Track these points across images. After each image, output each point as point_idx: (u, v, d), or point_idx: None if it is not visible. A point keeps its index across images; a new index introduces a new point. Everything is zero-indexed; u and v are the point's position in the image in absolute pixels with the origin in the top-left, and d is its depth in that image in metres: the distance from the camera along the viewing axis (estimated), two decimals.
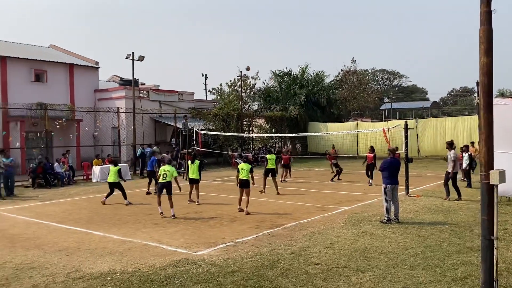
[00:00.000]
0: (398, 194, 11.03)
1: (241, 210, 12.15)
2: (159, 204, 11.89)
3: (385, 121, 36.33)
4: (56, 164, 20.18)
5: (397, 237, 8.99)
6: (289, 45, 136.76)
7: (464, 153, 16.40)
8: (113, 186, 14.36)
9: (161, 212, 11.80)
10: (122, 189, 14.36)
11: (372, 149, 18.03)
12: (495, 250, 5.13)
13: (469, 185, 15.83)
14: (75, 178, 21.03)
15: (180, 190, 12.81)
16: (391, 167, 10.58)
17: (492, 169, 5.13)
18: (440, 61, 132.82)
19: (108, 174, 14.85)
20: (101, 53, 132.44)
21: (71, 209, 13.56)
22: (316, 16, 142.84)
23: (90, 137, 28.24)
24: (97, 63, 31.01)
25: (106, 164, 21.94)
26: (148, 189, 16.58)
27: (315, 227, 10.08)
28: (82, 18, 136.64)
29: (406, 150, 14.89)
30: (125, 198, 14.22)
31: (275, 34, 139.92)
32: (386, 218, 10.39)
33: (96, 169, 21.24)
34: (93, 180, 21.09)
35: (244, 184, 12.18)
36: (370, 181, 17.63)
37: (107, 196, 14.36)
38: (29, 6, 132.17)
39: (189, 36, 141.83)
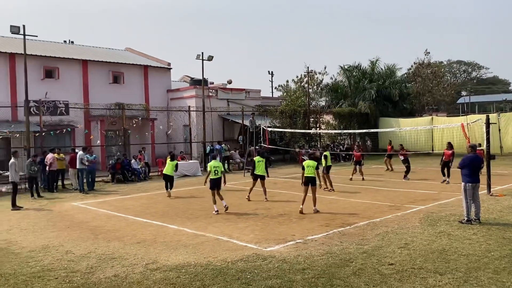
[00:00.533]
0: (479, 193, 10.34)
1: (302, 212, 11.49)
2: (214, 202, 12.04)
3: (463, 115, 34.19)
4: (133, 160, 21.31)
5: (479, 239, 8.42)
6: (358, 39, 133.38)
7: None
8: (167, 178, 15.37)
9: (216, 211, 11.85)
10: (172, 183, 15.48)
11: (450, 146, 17.00)
12: None
13: None
14: (150, 174, 22.08)
15: (225, 184, 13.05)
16: (472, 164, 9.92)
17: None
18: None
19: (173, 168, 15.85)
20: (172, 54, 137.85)
21: (147, 203, 14.24)
22: (386, 7, 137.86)
23: (163, 135, 29.48)
24: (169, 64, 32.29)
25: (179, 161, 22.81)
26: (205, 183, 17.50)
27: (388, 227, 9.72)
28: (155, 21, 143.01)
29: (488, 146, 13.89)
30: (170, 188, 15.49)
31: (342, 28, 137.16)
32: (466, 218, 9.78)
33: None
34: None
35: (310, 182, 11.73)
36: (447, 179, 16.64)
37: (166, 189, 15.47)
38: (106, 12, 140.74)
39: (255, 34, 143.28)
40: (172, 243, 8.82)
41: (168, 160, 15.98)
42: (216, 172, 12.15)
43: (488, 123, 13.89)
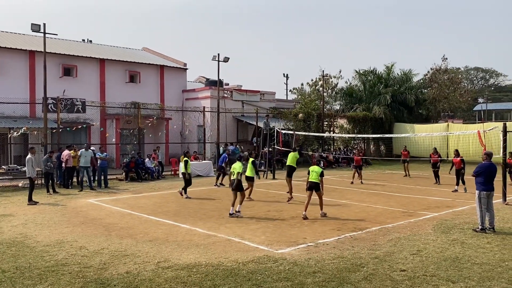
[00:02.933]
0: (494, 202, 10.21)
1: (306, 218, 11.23)
2: (233, 204, 11.84)
3: (479, 122, 33.72)
4: (147, 159, 21.50)
5: (493, 248, 8.32)
6: (373, 43, 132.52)
7: None
8: (183, 176, 15.48)
9: (231, 213, 11.72)
10: (185, 181, 15.43)
11: (457, 153, 16.77)
12: None
13: None
14: (163, 173, 22.26)
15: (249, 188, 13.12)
16: (487, 172, 9.80)
17: None
18: None
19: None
20: (188, 54, 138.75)
21: (160, 202, 14.36)
22: (403, 12, 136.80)
23: (177, 135, 29.70)
24: (185, 64, 32.52)
25: (192, 161, 22.94)
26: (216, 183, 18.30)
27: (400, 233, 9.66)
28: (172, 21, 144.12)
29: (504, 154, 13.70)
30: (184, 191, 15.31)
31: (358, 32, 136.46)
32: (480, 227, 9.66)
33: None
34: (180, 176, 22.11)
35: (313, 187, 11.46)
36: (460, 187, 16.35)
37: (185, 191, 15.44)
38: (124, 11, 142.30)
39: (271, 37, 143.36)
40: (184, 243, 8.89)
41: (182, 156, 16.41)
42: (232, 173, 12.15)
43: (505, 131, 13.70)
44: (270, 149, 23.78)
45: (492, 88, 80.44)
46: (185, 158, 15.68)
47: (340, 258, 7.71)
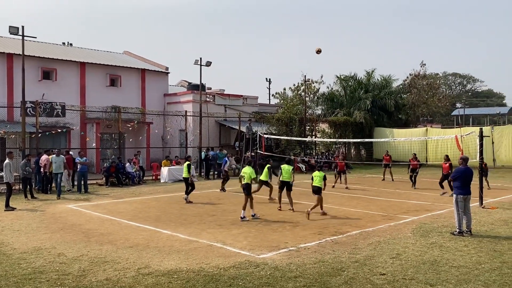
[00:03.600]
0: (471, 205, 10.43)
1: (325, 213, 12.56)
2: (244, 208, 11.97)
3: (457, 127, 34.46)
4: (127, 164, 21.27)
5: (470, 251, 8.49)
6: (355, 49, 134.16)
7: None
8: (185, 181, 15.39)
9: (243, 217, 11.84)
10: (187, 185, 15.28)
11: (447, 158, 17.03)
12: None
13: None
14: (144, 178, 22.06)
15: (258, 190, 13.15)
16: (463, 176, 10.01)
17: None
18: None
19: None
20: (170, 58, 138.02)
21: (141, 207, 14.22)
22: (383, 18, 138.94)
23: (159, 139, 29.48)
24: (167, 68, 32.38)
25: (174, 165, 22.81)
26: (222, 187, 18.14)
27: (380, 236, 9.78)
28: (154, 25, 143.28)
29: (481, 159, 14.01)
30: (187, 194, 15.21)
31: (339, 38, 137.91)
32: (457, 230, 9.85)
33: (164, 170, 22.12)
34: (161, 181, 21.98)
35: (315, 191, 12.48)
36: (446, 192, 16.63)
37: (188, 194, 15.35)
38: (105, 15, 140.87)
39: (254, 41, 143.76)
40: (165, 248, 8.82)
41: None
42: (243, 177, 12.37)
43: (481, 136, 14.02)
44: (253, 154, 23.81)
45: (469, 93, 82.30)
46: (188, 162, 15.68)
47: (321, 262, 7.76)
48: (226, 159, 19.80)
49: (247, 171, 12.34)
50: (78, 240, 9.64)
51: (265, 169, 14.73)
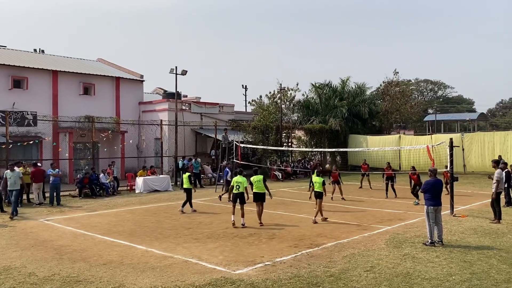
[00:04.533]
0: (442, 213, 10.70)
1: (325, 219, 13.31)
2: (233, 213, 12.79)
3: (428, 134, 35.27)
4: (101, 175, 20.92)
5: (441, 262, 8.69)
6: (329, 57, 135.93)
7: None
8: (186, 192, 15.52)
9: (233, 221, 12.63)
10: (189, 196, 15.43)
11: (413, 169, 17.39)
12: None
13: (509, 203, 15.13)
14: (119, 189, 21.73)
15: (248, 198, 13.30)
16: (433, 188, 10.27)
17: None
18: (488, 71, 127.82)
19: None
20: (145, 65, 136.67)
21: (115, 220, 13.99)
22: (358, 27, 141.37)
23: (134, 148, 29.11)
24: (142, 76, 32.06)
25: (149, 175, 22.55)
26: (230, 198, 17.59)
27: (355, 248, 9.91)
28: (129, 32, 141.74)
29: (452, 168, 14.38)
30: (190, 205, 15.44)
31: (315, 46, 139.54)
32: (429, 241, 10.08)
33: (140, 180, 21.83)
34: (136, 191, 21.69)
35: (317, 196, 13.31)
36: (417, 201, 16.98)
37: (183, 205, 15.49)
38: (77, 21, 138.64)
39: (230, 48, 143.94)
40: (139, 265, 8.71)
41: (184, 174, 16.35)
42: (238, 187, 12.66)
43: (451, 146, 14.40)
44: (229, 162, 23.75)
45: (441, 99, 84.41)
46: (188, 174, 15.88)
47: (297, 277, 7.80)
48: (227, 169, 19.64)
49: (240, 180, 12.68)
50: (50, 257, 9.41)
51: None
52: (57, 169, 18.43)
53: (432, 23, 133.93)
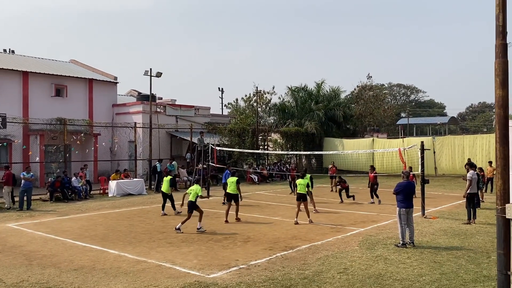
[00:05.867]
0: (414, 215, 10.93)
1: (297, 223, 13.31)
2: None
3: (401, 137, 35.98)
4: (73, 178, 20.49)
5: (412, 263, 8.87)
6: (305, 60, 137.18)
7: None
8: (165, 196, 15.37)
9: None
10: (171, 199, 15.43)
11: (372, 168, 17.87)
12: (511, 286, 5.04)
13: (477, 204, 15.60)
14: (92, 193, 21.31)
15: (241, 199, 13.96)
16: (405, 190, 10.48)
17: (508, 202, 5.06)
18: (458, 76, 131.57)
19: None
20: (120, 67, 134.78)
21: (87, 225, 13.72)
22: (332, 31, 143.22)
23: (107, 151, 28.62)
24: (116, 78, 31.60)
25: (123, 179, 22.22)
26: (224, 201, 17.71)
27: (329, 250, 10.01)
28: (101, 33, 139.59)
29: (423, 171, 14.72)
30: (173, 208, 15.42)
31: (291, 49, 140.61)
32: (401, 242, 10.28)
33: (113, 184, 21.47)
34: (109, 195, 21.32)
35: (301, 197, 13.50)
36: (372, 200, 17.41)
37: (162, 209, 15.46)
38: (49, 21, 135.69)
39: (206, 50, 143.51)
40: (111, 271, 8.56)
41: (165, 177, 16.10)
42: (189, 194, 12.57)
43: (422, 149, 14.75)
44: (205, 166, 23.64)
45: (413, 103, 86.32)
46: (170, 177, 15.87)
47: (271, 280, 7.83)
48: (228, 171, 19.10)
49: (194, 188, 12.58)
50: (19, 264, 9.16)
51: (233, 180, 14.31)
52: (31, 173, 17.94)
53: (405, 29, 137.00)
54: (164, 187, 15.53)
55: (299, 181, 13.88)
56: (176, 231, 12.20)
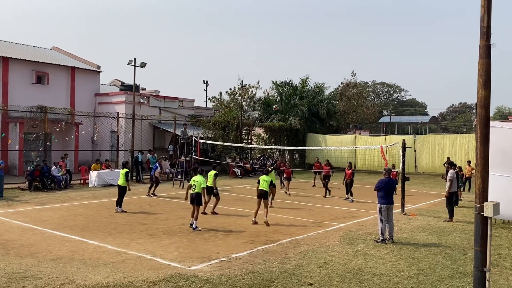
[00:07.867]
0: (394, 212, 11.09)
1: (255, 223, 12.40)
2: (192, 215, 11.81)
3: (383, 135, 36.41)
4: (53, 167, 20.16)
5: (391, 258, 9.00)
6: (291, 55, 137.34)
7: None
8: (120, 189, 14.23)
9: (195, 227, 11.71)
10: (121, 194, 14.22)
11: (350, 165, 18.01)
12: (487, 282, 5.16)
13: (456, 203, 15.93)
14: (72, 182, 21.01)
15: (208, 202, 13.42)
16: (386, 187, 10.62)
17: (487, 200, 5.17)
18: (440, 76, 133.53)
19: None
20: (103, 56, 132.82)
21: (67, 215, 13.54)
22: (318, 27, 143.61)
23: (88, 141, 28.23)
24: (99, 67, 31.12)
25: (104, 169, 21.96)
26: (148, 193, 18.00)
27: (309, 245, 10.09)
28: (86, 21, 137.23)
29: (403, 168, 14.92)
30: (119, 205, 14.21)
31: (276, 45, 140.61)
32: (380, 238, 10.42)
33: (93, 174, 21.20)
34: (90, 185, 21.05)
35: (262, 195, 12.54)
36: (350, 198, 17.53)
37: (118, 204, 14.29)
38: (32, 7, 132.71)
39: (191, 42, 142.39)
40: (91, 261, 8.47)
41: (121, 169, 14.82)
42: (194, 186, 11.77)
43: (404, 147, 14.95)
44: (188, 158, 23.51)
45: (396, 102, 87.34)
46: (126, 170, 14.51)
47: (252, 273, 7.85)
48: (157, 164, 19.36)
49: (198, 180, 11.86)
50: None
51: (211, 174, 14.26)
52: (1, 160, 17.54)
53: (390, 27, 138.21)
54: (120, 180, 14.34)
55: (262, 178, 12.70)
56: (193, 230, 11.37)
